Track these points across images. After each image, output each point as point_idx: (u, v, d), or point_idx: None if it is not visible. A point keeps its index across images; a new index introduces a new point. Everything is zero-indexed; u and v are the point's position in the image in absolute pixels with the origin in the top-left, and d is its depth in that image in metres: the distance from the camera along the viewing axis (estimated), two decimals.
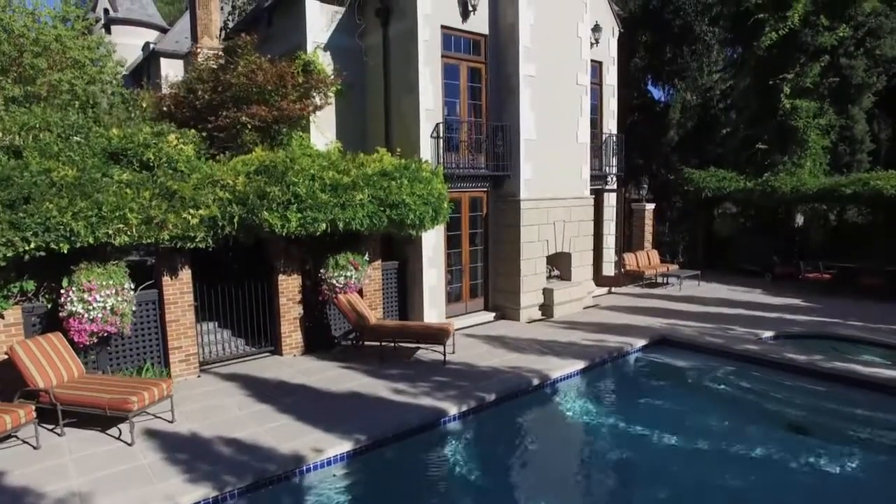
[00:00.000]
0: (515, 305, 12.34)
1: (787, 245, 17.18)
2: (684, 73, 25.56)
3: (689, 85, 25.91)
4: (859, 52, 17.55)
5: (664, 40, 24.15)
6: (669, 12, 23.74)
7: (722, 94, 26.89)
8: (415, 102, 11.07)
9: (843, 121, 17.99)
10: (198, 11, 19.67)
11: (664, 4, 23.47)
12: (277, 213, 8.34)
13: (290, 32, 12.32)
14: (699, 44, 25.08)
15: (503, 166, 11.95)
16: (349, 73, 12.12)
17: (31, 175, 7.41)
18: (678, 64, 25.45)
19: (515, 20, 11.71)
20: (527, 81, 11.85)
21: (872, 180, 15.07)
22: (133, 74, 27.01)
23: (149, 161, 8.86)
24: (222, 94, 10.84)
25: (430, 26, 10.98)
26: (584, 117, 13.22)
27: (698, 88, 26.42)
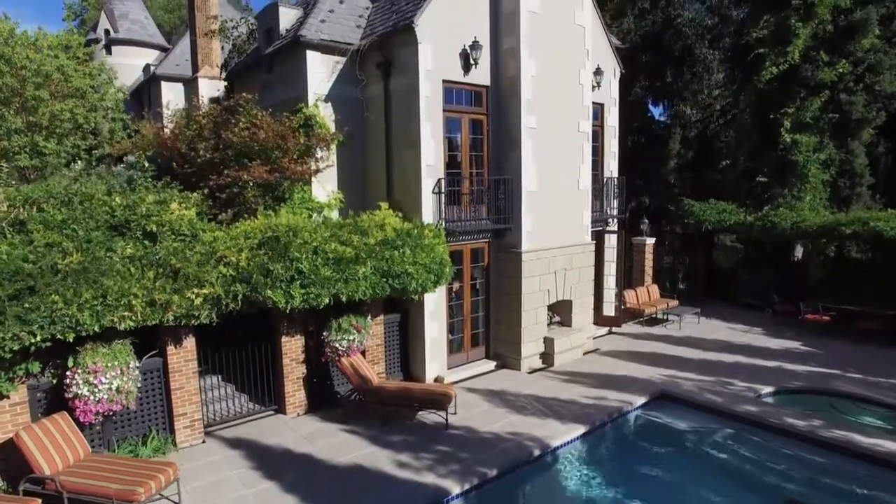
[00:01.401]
0: (516, 355, 12.41)
1: (786, 279, 17.24)
2: (684, 94, 25.60)
3: (689, 100, 25.96)
4: (859, 88, 17.58)
5: (664, 63, 24.16)
6: (670, 35, 23.75)
7: (722, 110, 26.97)
8: (416, 158, 11.11)
9: (842, 155, 18.03)
10: (198, 41, 19.73)
11: (664, 28, 23.47)
12: (281, 291, 8.40)
13: (290, 81, 12.33)
14: (699, 65, 25.13)
15: (505, 218, 11.99)
16: (350, 122, 12.18)
17: (36, 261, 7.46)
18: (678, 85, 25.49)
19: (517, 72, 11.74)
20: (528, 133, 11.88)
21: (872, 220, 15.12)
22: (134, 95, 27.03)
23: (152, 231, 8.93)
24: (223, 152, 10.88)
25: (431, 82, 11.00)
26: (586, 164, 13.26)
27: (698, 104, 26.47)
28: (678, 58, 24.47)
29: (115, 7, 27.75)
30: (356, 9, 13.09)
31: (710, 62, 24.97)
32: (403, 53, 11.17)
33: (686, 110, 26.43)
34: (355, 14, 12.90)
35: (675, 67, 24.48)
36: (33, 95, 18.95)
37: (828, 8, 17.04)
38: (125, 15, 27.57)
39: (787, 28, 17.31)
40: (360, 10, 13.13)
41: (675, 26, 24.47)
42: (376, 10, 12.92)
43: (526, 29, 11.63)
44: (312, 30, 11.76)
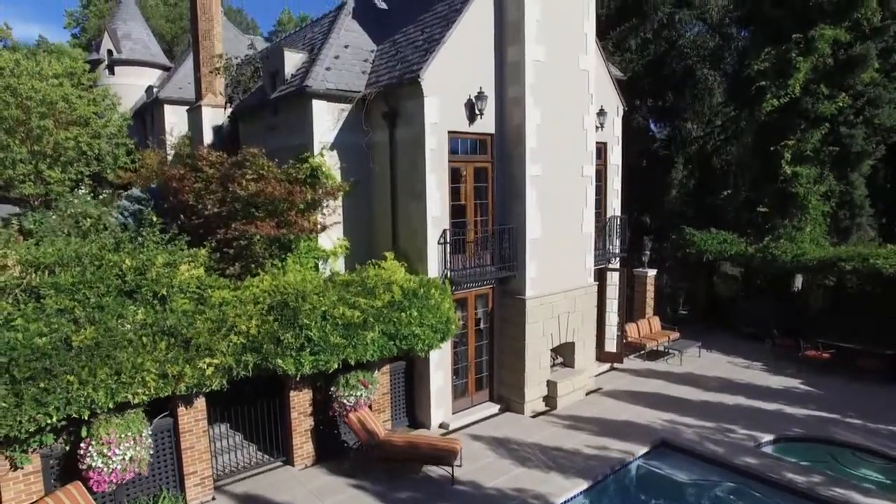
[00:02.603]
0: (520, 399, 12.55)
1: (786, 310, 17.40)
2: (685, 114, 25.70)
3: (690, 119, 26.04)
4: (858, 121, 17.72)
5: (665, 86, 24.25)
6: (672, 57, 23.81)
7: (722, 126, 27.07)
8: (421, 210, 11.23)
9: (842, 186, 18.18)
10: (202, 69, 19.76)
11: (666, 53, 23.54)
12: (291, 359, 8.54)
13: (296, 128, 12.43)
14: (700, 86, 25.21)
15: (509, 266, 12.13)
16: (356, 169, 12.30)
17: (51, 333, 7.59)
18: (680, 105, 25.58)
19: (522, 121, 11.85)
20: (532, 182, 12.01)
21: (872, 257, 15.29)
22: (137, 115, 27.11)
23: (163, 296, 9.06)
24: (230, 205, 11.00)
25: (436, 135, 11.12)
26: (589, 208, 13.39)
27: (700, 119, 26.51)
28: (679, 80, 24.56)
29: (118, 27, 27.80)
30: (360, 52, 13.20)
31: (712, 84, 25.07)
32: (409, 105, 11.28)
33: (687, 125, 26.54)
34: (360, 59, 13.01)
35: (677, 89, 24.58)
36: (38, 125, 19.08)
37: (828, 42, 17.16)
38: (128, 35, 27.62)
39: (787, 62, 17.44)
40: (364, 53, 13.24)
41: (677, 48, 24.56)
42: (381, 54, 13.04)
43: (531, 78, 11.75)
44: (318, 79, 11.86)
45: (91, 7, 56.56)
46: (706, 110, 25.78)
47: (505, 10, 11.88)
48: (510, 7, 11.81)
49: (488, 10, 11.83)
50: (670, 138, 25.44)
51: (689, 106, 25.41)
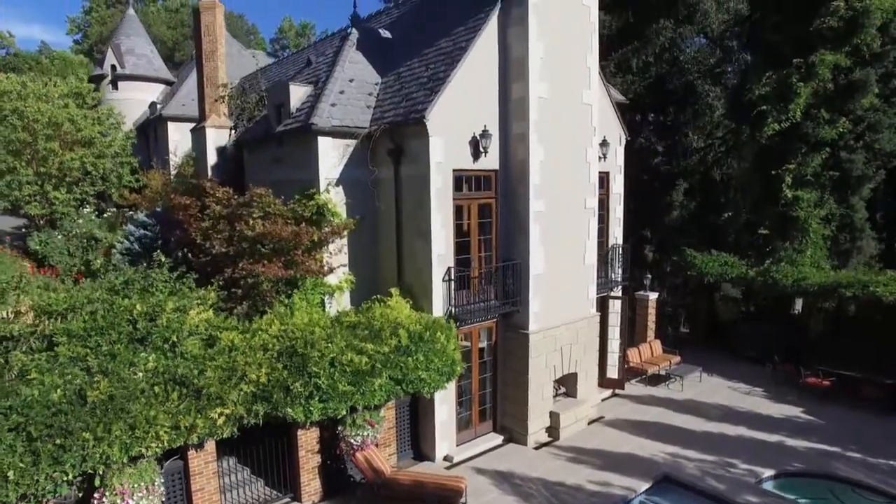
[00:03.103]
0: (523, 430, 12.69)
1: (787, 333, 17.53)
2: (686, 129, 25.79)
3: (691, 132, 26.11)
4: (859, 146, 17.84)
5: (667, 102, 24.33)
6: (672, 74, 23.89)
7: (723, 138, 27.17)
8: (426, 248, 11.36)
9: (843, 210, 18.31)
10: (206, 90, 19.83)
11: (668, 71, 23.61)
12: (301, 406, 8.68)
13: (301, 163, 12.53)
14: (701, 102, 25.32)
15: (513, 301, 12.26)
16: (362, 203, 12.43)
17: (65, 386, 7.74)
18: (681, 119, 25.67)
19: (526, 157, 11.98)
20: (536, 217, 12.14)
21: (872, 284, 15.42)
22: (140, 130, 27.23)
23: (173, 343, 9.20)
24: (238, 245, 11.14)
25: (441, 174, 11.25)
26: (592, 240, 13.53)
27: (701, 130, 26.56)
28: (681, 96, 24.66)
29: (122, 42, 27.90)
30: (365, 86, 13.32)
31: (713, 100, 25.17)
32: (414, 144, 11.41)
33: (688, 136, 26.62)
34: (364, 92, 13.13)
35: (678, 105, 24.68)
36: (44, 147, 19.24)
37: (828, 68, 17.27)
38: (131, 50, 27.72)
39: (788, 86, 17.55)
40: (369, 87, 13.36)
41: (678, 64, 24.66)
42: (385, 88, 13.15)
43: (535, 115, 11.87)
44: (324, 115, 11.98)
45: (93, 13, 56.73)
46: (707, 125, 25.92)
47: (509, 47, 12.01)
48: (514, 44, 11.93)
49: (492, 48, 11.96)
50: (671, 153, 25.52)
51: (690, 121, 25.54)
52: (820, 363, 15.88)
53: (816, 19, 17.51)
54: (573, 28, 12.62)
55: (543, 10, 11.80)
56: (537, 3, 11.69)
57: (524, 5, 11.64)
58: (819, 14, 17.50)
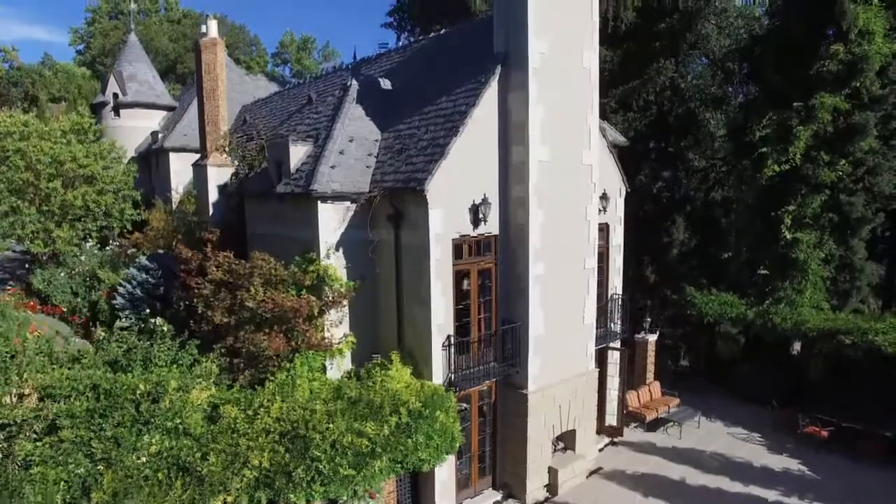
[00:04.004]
0: (522, 487, 12.79)
1: (785, 376, 17.59)
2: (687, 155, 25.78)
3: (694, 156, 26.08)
4: (858, 188, 17.86)
5: (668, 132, 24.31)
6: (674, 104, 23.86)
7: (724, 160, 27.15)
8: (426, 316, 11.44)
9: (842, 251, 18.34)
10: (207, 128, 19.91)
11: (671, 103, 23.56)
12: (303, 491, 8.78)
13: (302, 224, 12.57)
14: (703, 131, 25.31)
15: (512, 363, 12.34)
16: (362, 265, 12.50)
17: (70, 481, 7.84)
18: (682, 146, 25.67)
19: (526, 221, 12.05)
20: (536, 280, 12.21)
21: (871, 332, 15.47)
22: (142, 158, 27.33)
23: (175, 426, 9.29)
24: (239, 314, 11.23)
25: (441, 244, 11.32)
26: (591, 298, 13.60)
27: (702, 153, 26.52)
28: (682, 125, 24.64)
29: (124, 69, 27.97)
30: (365, 143, 13.36)
31: (714, 127, 25.16)
32: (413, 212, 11.48)
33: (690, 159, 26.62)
34: (364, 152, 13.18)
35: (679, 134, 24.66)
36: (47, 187, 19.30)
37: (828, 111, 17.28)
38: (133, 76, 27.79)
39: (788, 129, 17.57)
40: (369, 144, 13.41)
41: (680, 92, 24.64)
42: (386, 148, 13.21)
43: (535, 179, 11.94)
44: (324, 180, 12.03)
45: (95, 25, 56.78)
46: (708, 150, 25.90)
47: (510, 111, 12.07)
48: (515, 108, 11.99)
49: (492, 111, 12.02)
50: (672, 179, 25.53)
51: (691, 147, 25.53)
52: (820, 408, 15.96)
53: (816, 62, 17.52)
54: (574, 89, 12.66)
55: (544, 74, 11.84)
56: (538, 67, 11.74)
57: (525, 70, 11.70)
58: (819, 57, 17.52)
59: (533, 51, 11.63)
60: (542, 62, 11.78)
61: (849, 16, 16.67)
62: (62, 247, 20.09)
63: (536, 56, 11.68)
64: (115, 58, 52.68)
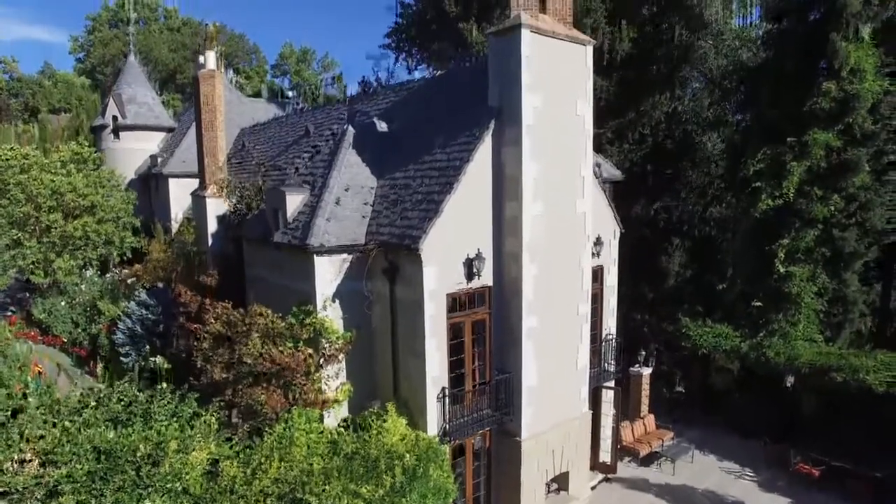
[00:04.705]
0: None
1: (779, 410, 17.79)
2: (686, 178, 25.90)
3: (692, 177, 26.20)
4: (851, 223, 18.02)
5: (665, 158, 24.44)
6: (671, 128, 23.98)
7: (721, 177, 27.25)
8: (421, 369, 11.65)
9: (835, 284, 18.50)
10: (205, 160, 20.09)
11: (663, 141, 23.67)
12: None
13: (299, 275, 12.78)
14: (699, 154, 25.44)
15: (505, 412, 12.53)
16: (359, 315, 12.70)
17: None
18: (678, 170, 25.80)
19: (519, 275, 12.22)
20: (529, 332, 12.39)
21: (862, 370, 15.67)
22: (141, 181, 27.51)
23: (175, 488, 9.51)
24: (238, 369, 11.42)
25: (435, 301, 11.51)
26: (584, 343, 13.78)
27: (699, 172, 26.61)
28: (679, 150, 24.76)
29: (123, 91, 28.12)
30: (361, 192, 13.52)
31: (711, 151, 25.27)
32: (408, 268, 11.66)
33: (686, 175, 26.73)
34: (360, 200, 13.35)
35: (675, 158, 24.79)
36: (47, 219, 19.52)
37: (821, 147, 17.43)
38: (132, 98, 27.94)
39: (781, 165, 17.73)
40: (365, 192, 13.57)
41: (676, 115, 24.75)
42: (382, 197, 13.37)
43: (528, 234, 12.09)
44: (320, 233, 12.22)
45: (95, 33, 56.87)
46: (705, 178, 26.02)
47: (503, 166, 12.22)
48: (508, 163, 12.14)
49: (486, 165, 12.17)
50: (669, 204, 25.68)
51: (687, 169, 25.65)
52: (812, 444, 16.17)
53: (810, 98, 17.65)
54: (567, 139, 12.79)
55: (538, 129, 11.98)
56: (532, 124, 11.88)
57: (518, 125, 11.84)
58: (812, 93, 17.64)
59: (527, 107, 11.77)
60: (536, 118, 11.92)
61: (840, 54, 16.79)
62: (62, 277, 20.32)
63: (530, 112, 11.82)
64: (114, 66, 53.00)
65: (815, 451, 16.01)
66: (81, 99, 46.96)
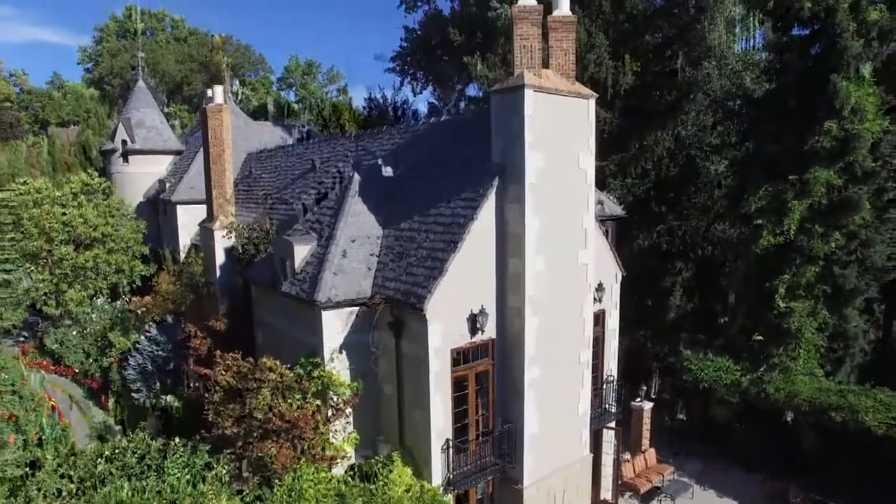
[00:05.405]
0: None
1: (779, 444, 18.00)
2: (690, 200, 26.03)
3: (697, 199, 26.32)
4: (852, 260, 18.18)
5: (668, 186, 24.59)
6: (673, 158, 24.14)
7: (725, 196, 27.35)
8: (426, 421, 11.94)
9: (836, 320, 18.68)
10: (213, 192, 20.41)
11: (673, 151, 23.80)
12: None
13: (306, 327, 13.08)
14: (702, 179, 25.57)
15: (508, 459, 12.82)
16: (366, 364, 13.00)
17: None
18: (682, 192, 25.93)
19: (521, 329, 12.48)
20: (531, 384, 12.66)
21: (861, 410, 15.88)
22: (150, 204, 27.90)
23: None
24: (248, 423, 11.74)
25: (440, 357, 11.80)
26: (585, 390, 14.05)
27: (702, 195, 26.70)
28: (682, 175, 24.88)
29: (132, 115, 28.49)
30: (367, 242, 13.79)
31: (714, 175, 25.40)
32: (413, 325, 11.95)
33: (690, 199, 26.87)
34: (367, 251, 13.63)
35: (679, 186, 24.93)
36: (59, 252, 19.93)
37: (822, 185, 17.60)
38: (141, 122, 28.32)
39: (783, 202, 17.91)
40: (371, 242, 13.83)
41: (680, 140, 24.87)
42: (387, 248, 13.65)
43: (531, 290, 12.34)
44: (327, 288, 12.53)
45: (104, 44, 57.31)
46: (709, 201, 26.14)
47: (506, 222, 12.46)
48: (511, 220, 12.38)
49: (489, 221, 12.42)
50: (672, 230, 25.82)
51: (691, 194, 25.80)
52: (812, 480, 16.42)
53: (811, 136, 17.82)
54: (570, 193, 13.01)
55: (540, 187, 12.20)
56: (534, 182, 12.11)
57: (521, 184, 12.07)
58: (813, 131, 17.80)
59: (530, 166, 12.00)
60: (539, 176, 12.16)
61: (841, 95, 16.93)
62: (74, 307, 20.74)
63: (533, 171, 12.05)
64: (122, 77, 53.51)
65: (815, 489, 16.25)
66: (89, 111, 47.42)
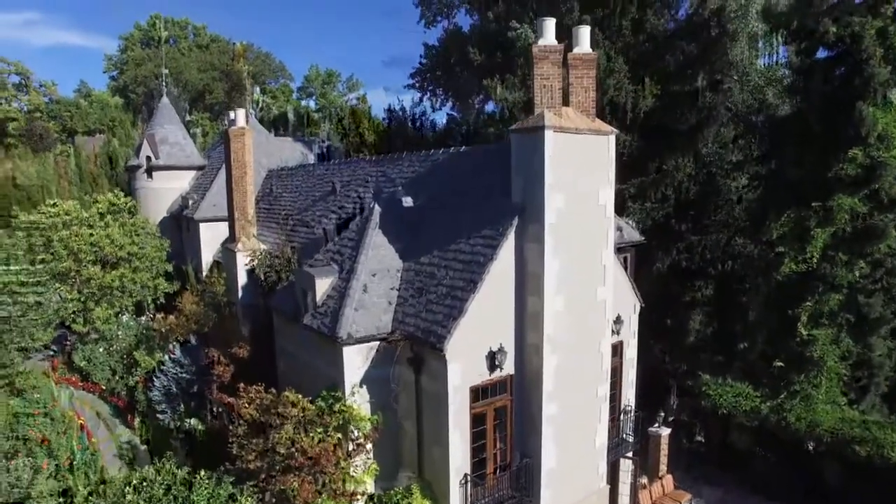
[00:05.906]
0: None
1: (800, 476, 17.82)
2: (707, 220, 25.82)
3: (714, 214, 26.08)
4: (877, 288, 17.93)
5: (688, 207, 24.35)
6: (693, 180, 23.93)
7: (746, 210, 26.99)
8: (445, 457, 12.12)
9: (860, 348, 18.44)
10: (235, 213, 20.80)
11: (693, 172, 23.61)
12: None
13: (328, 361, 13.32)
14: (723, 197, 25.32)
15: (525, 493, 12.93)
16: (386, 397, 13.22)
17: None
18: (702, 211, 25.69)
19: (540, 366, 12.58)
20: (549, 420, 12.74)
21: (887, 446, 15.69)
22: (173, 219, 28.49)
23: None
24: (271, 457, 12.02)
25: (460, 394, 11.96)
26: (603, 424, 14.08)
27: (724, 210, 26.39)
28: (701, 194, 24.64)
29: (156, 132, 29.12)
30: (387, 276, 13.98)
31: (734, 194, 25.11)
32: (433, 363, 12.12)
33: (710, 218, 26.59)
34: (387, 285, 13.82)
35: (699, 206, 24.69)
36: (87, 272, 20.49)
37: (846, 213, 17.39)
38: (165, 139, 28.92)
39: (806, 229, 17.73)
40: (391, 276, 14.02)
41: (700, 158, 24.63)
42: (407, 282, 13.82)
43: (549, 329, 12.42)
44: (348, 324, 12.75)
45: (128, 52, 58.42)
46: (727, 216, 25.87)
47: (525, 262, 12.56)
48: (531, 259, 12.47)
49: (509, 263, 12.52)
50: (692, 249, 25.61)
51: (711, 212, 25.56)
52: None
53: (835, 163, 17.60)
54: (590, 230, 13.04)
55: (560, 227, 12.24)
56: (554, 223, 12.17)
57: (541, 224, 12.15)
58: (837, 158, 17.59)
59: (550, 206, 12.07)
60: (559, 216, 12.22)
61: (867, 122, 16.70)
62: (101, 325, 21.30)
63: (553, 211, 12.12)
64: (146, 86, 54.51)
65: None
66: (114, 120, 48.42)
